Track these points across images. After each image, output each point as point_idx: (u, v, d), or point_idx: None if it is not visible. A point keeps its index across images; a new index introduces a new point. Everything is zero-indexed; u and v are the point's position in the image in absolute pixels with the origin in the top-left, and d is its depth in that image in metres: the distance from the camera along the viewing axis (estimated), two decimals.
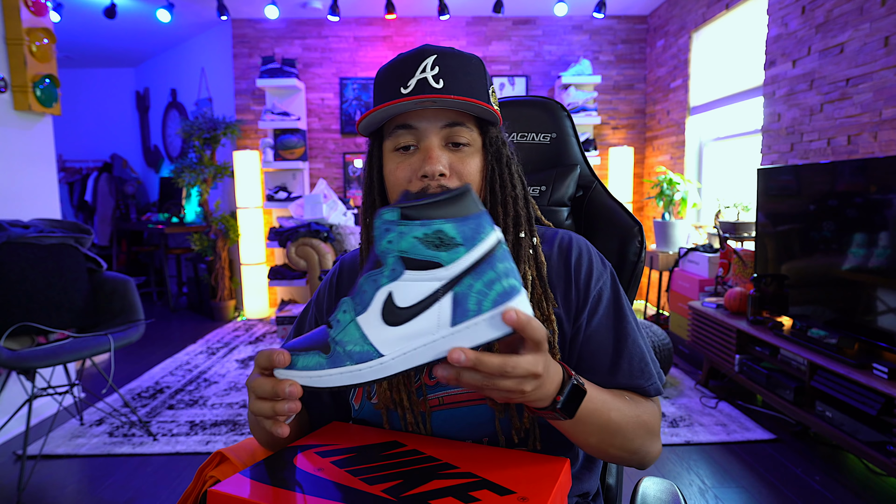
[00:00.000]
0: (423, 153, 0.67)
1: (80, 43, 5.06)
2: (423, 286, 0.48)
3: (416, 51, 0.68)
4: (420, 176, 0.66)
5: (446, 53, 0.68)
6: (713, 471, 1.99)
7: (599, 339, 0.71)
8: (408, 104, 0.65)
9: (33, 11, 2.46)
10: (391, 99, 0.66)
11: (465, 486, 0.55)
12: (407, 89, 0.66)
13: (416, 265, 0.48)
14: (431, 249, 0.47)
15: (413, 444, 0.65)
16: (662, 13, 4.32)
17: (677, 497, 0.72)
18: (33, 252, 2.12)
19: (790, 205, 2.34)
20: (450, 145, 0.68)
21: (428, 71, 0.66)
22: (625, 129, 4.73)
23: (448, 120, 0.67)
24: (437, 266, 0.48)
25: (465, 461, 0.60)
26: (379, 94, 0.70)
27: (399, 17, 4.58)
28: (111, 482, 1.97)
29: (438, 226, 0.47)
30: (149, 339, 3.88)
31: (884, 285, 1.88)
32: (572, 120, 1.01)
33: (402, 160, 0.68)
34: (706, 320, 2.78)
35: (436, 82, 0.66)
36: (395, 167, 0.69)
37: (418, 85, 0.66)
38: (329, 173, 4.78)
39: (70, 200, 5.72)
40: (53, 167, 2.70)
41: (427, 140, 0.67)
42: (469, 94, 0.67)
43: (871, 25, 2.24)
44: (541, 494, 0.53)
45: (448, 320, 0.48)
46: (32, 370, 1.97)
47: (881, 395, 1.75)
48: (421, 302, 0.48)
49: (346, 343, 0.50)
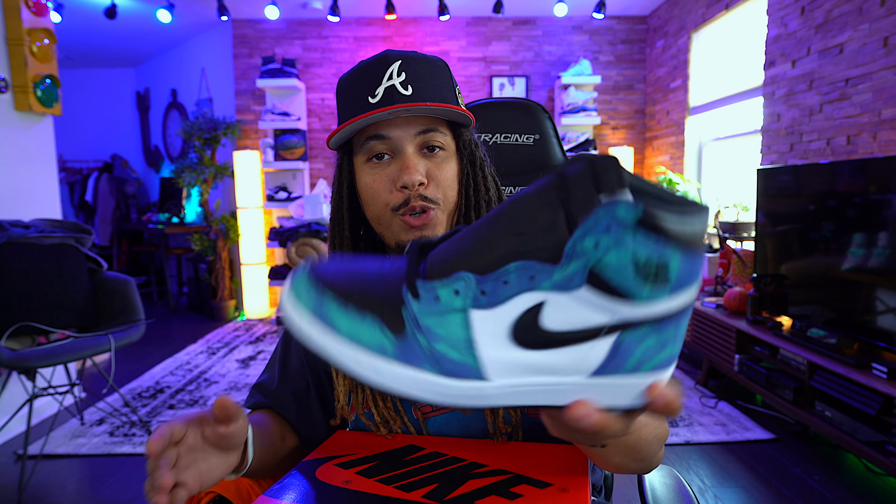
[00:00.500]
0: (400, 163, 0.64)
1: (81, 43, 5.06)
2: (590, 315, 0.34)
3: (377, 57, 0.66)
4: (399, 187, 0.64)
5: (410, 58, 0.66)
6: (713, 470, 1.99)
7: None
8: (380, 115, 0.62)
9: (34, 12, 2.46)
10: (360, 110, 0.64)
11: (503, 483, 0.54)
12: (375, 98, 0.63)
13: (602, 286, 0.33)
14: (640, 277, 0.32)
15: (431, 446, 0.64)
16: (662, 13, 4.33)
17: (680, 481, 0.73)
18: (34, 252, 2.12)
19: (790, 205, 2.34)
20: (425, 151, 0.66)
21: (395, 77, 0.64)
22: (624, 129, 4.73)
23: (422, 127, 0.65)
24: (627, 298, 0.33)
25: (490, 459, 0.59)
26: (344, 106, 0.68)
27: (399, 18, 4.58)
28: (112, 482, 1.97)
29: (671, 253, 0.32)
30: (149, 339, 3.89)
31: (883, 285, 1.88)
32: (553, 121, 1.03)
33: (378, 172, 0.66)
34: (706, 320, 2.79)
35: (404, 88, 0.64)
36: (371, 180, 0.66)
37: (386, 93, 0.63)
38: (329, 173, 4.78)
39: (71, 200, 5.72)
40: (54, 167, 2.71)
41: (402, 149, 0.65)
42: (440, 99, 0.65)
43: (870, 26, 2.24)
44: (578, 483, 0.54)
45: (592, 367, 0.36)
46: (33, 370, 1.97)
47: (880, 395, 1.75)
48: (575, 333, 0.35)
49: (436, 336, 0.36)
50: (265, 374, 0.81)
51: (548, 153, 1.01)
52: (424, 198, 0.65)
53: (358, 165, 0.68)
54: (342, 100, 0.68)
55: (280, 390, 0.78)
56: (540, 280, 0.34)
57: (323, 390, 0.78)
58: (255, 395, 0.80)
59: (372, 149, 0.65)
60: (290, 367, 0.79)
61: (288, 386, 0.78)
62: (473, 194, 0.69)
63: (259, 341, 3.84)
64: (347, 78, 0.68)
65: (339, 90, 0.69)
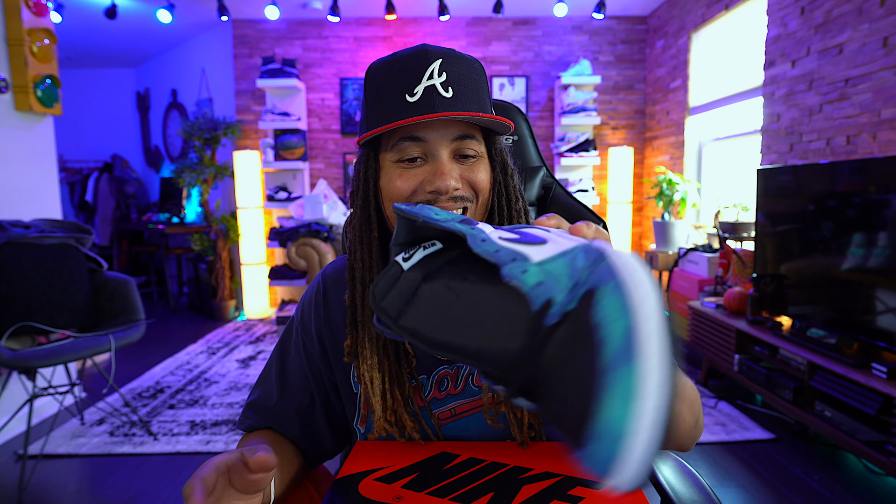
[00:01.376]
0: (433, 167, 0.62)
1: (81, 43, 5.06)
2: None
3: (416, 52, 0.62)
4: (430, 191, 0.62)
5: (451, 57, 0.63)
6: (712, 470, 1.99)
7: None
8: (424, 120, 0.59)
9: (34, 12, 2.47)
10: (398, 109, 0.61)
11: (558, 486, 0.54)
12: (414, 97, 0.60)
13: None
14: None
15: (464, 452, 0.63)
16: (662, 14, 4.33)
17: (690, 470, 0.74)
18: (34, 252, 2.12)
19: (789, 205, 2.34)
20: (457, 157, 0.64)
21: (435, 77, 0.61)
22: (624, 129, 4.73)
23: (458, 132, 0.63)
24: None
25: (531, 462, 0.59)
26: (377, 99, 0.64)
27: (399, 18, 4.58)
28: (112, 482, 1.98)
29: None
30: (149, 338, 3.89)
31: (883, 285, 1.88)
32: (529, 123, 1.04)
33: (408, 173, 0.63)
34: (706, 320, 2.79)
35: (445, 90, 0.61)
36: (400, 181, 0.63)
37: (426, 93, 0.60)
38: (329, 173, 4.79)
39: (71, 200, 5.73)
40: (54, 167, 2.71)
41: (437, 153, 0.62)
42: (479, 104, 0.63)
43: (870, 26, 2.24)
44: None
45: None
46: (33, 370, 1.98)
47: (880, 395, 1.75)
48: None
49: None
50: (259, 389, 0.77)
51: (525, 155, 1.03)
52: (457, 198, 0.63)
53: (385, 163, 0.65)
54: (374, 91, 0.64)
55: (281, 407, 0.74)
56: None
57: (330, 404, 0.75)
58: (251, 415, 0.75)
59: (405, 150, 0.63)
60: (289, 382, 0.75)
61: (290, 403, 0.74)
62: (506, 203, 0.67)
63: (259, 341, 3.84)
64: (381, 69, 0.64)
65: (371, 80, 0.65)
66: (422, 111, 0.60)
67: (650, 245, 4.51)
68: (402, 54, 0.63)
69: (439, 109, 0.60)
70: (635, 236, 4.81)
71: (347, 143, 4.76)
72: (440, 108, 0.60)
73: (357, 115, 4.70)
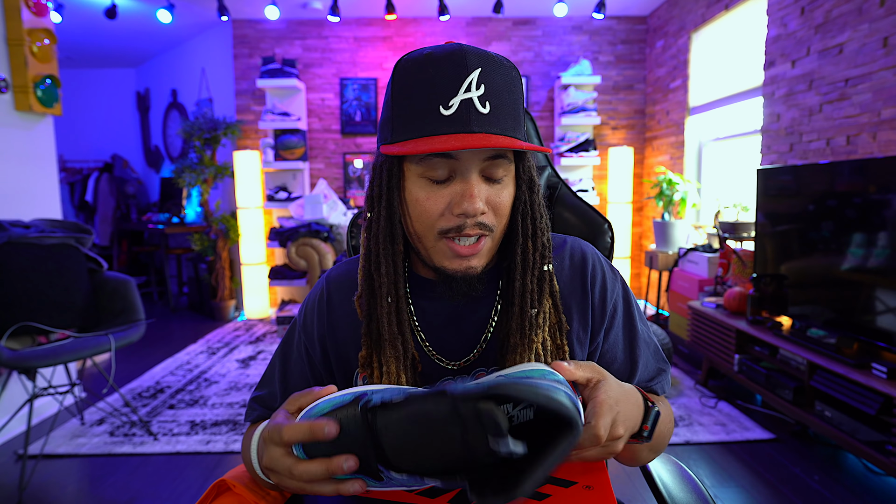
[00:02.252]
0: (462, 188, 0.58)
1: (81, 43, 5.06)
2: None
3: (454, 54, 0.57)
4: (457, 214, 0.59)
5: (489, 64, 0.58)
6: (712, 470, 1.99)
7: (615, 352, 0.72)
8: (459, 147, 0.54)
9: (34, 12, 2.47)
10: (432, 122, 0.56)
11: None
12: (449, 110, 0.56)
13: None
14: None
15: None
16: (662, 14, 4.33)
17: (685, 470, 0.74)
18: (34, 252, 2.12)
19: (789, 205, 2.34)
20: (484, 176, 0.61)
21: (473, 89, 0.56)
22: (624, 129, 4.73)
23: (492, 152, 0.59)
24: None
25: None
26: (407, 106, 0.58)
27: (399, 18, 4.58)
28: (112, 482, 1.98)
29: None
30: (149, 338, 3.89)
31: (883, 285, 1.88)
32: (535, 123, 1.03)
33: (435, 191, 0.60)
34: (706, 320, 2.79)
35: (482, 105, 0.56)
36: (425, 197, 0.60)
37: (462, 108, 0.56)
38: (329, 173, 4.79)
39: (71, 200, 5.73)
40: (54, 167, 2.71)
41: (467, 174, 0.59)
42: (514, 119, 0.59)
43: (869, 26, 2.24)
44: (601, 481, 0.55)
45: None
46: (33, 370, 1.98)
47: (880, 395, 1.75)
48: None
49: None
50: (264, 388, 0.77)
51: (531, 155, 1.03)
52: (481, 225, 0.60)
53: (410, 175, 0.61)
54: (405, 94, 0.59)
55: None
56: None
57: None
58: (258, 407, 0.76)
59: (434, 166, 0.59)
60: (291, 385, 0.75)
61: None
62: (531, 223, 0.65)
63: (259, 341, 3.84)
64: (413, 69, 0.58)
65: (401, 80, 0.59)
66: (456, 127, 0.56)
67: (650, 245, 4.51)
68: (438, 55, 0.58)
69: (475, 127, 0.56)
70: (635, 236, 4.81)
71: (347, 143, 4.76)
72: (476, 125, 0.56)
73: (357, 115, 4.70)
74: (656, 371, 0.75)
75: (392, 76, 0.61)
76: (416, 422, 0.45)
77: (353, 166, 4.76)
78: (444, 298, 0.65)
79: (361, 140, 4.75)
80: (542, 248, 0.65)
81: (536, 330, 0.63)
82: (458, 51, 0.57)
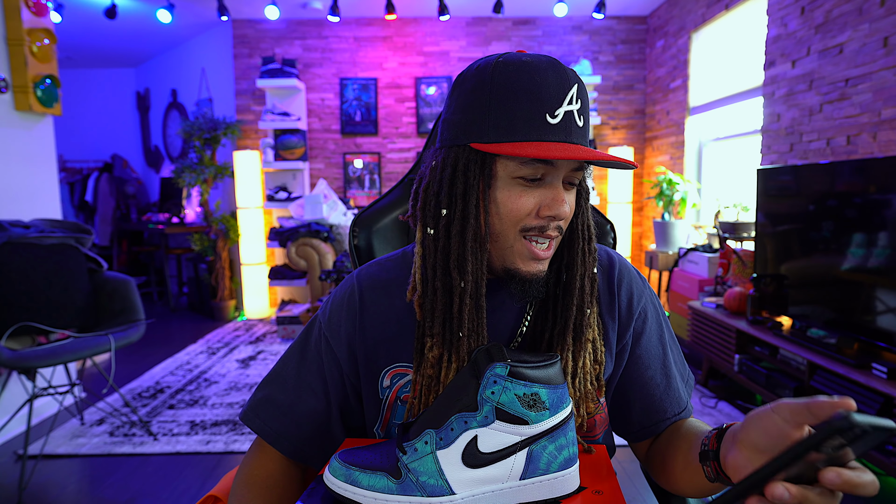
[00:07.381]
0: (552, 192, 0.61)
1: (81, 43, 5.06)
2: (507, 437, 0.53)
3: (553, 66, 0.59)
4: (545, 216, 0.61)
5: (579, 79, 0.61)
6: None
7: (648, 359, 0.73)
8: (572, 152, 0.57)
9: (34, 12, 2.47)
10: (538, 124, 0.58)
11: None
12: (555, 119, 0.58)
13: (506, 417, 0.52)
14: (525, 408, 0.52)
15: None
16: (662, 13, 4.33)
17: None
18: (34, 252, 2.12)
19: (789, 205, 2.34)
20: (565, 182, 0.63)
21: (573, 102, 0.59)
22: (624, 129, 4.73)
23: (580, 162, 0.62)
24: (524, 423, 0.52)
25: None
26: (512, 108, 0.58)
27: (399, 18, 4.58)
28: (112, 482, 1.97)
29: (537, 389, 0.53)
30: (149, 338, 3.89)
31: (883, 285, 1.88)
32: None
33: (526, 192, 0.61)
34: (706, 320, 2.79)
35: (579, 119, 0.60)
36: (516, 197, 0.61)
37: (566, 119, 0.59)
38: (329, 173, 4.79)
39: (71, 200, 5.72)
40: (54, 167, 2.71)
41: (556, 179, 0.61)
42: (588, 130, 0.63)
43: (870, 26, 2.24)
44: (610, 485, 0.56)
45: (519, 473, 0.53)
46: (33, 370, 1.98)
47: (880, 395, 1.75)
48: (501, 451, 0.53)
49: (420, 473, 0.53)
50: (269, 388, 0.73)
51: None
52: (559, 228, 0.63)
53: (503, 173, 0.61)
54: (508, 95, 0.58)
55: (296, 407, 0.72)
56: (471, 423, 0.53)
57: (348, 407, 0.73)
58: (261, 415, 0.72)
59: (535, 169, 0.60)
60: (306, 382, 0.72)
61: (306, 403, 0.72)
62: (587, 229, 0.68)
63: (259, 341, 3.84)
64: (517, 73, 0.59)
65: (504, 81, 0.59)
66: (560, 136, 0.59)
67: (650, 245, 4.52)
68: (539, 64, 0.59)
69: (575, 138, 0.60)
70: (635, 236, 4.81)
71: (347, 143, 4.76)
72: (576, 137, 0.60)
73: (357, 115, 4.70)
74: (688, 375, 0.77)
75: (490, 76, 0.60)
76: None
77: (352, 166, 4.76)
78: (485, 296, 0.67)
79: (361, 140, 4.75)
80: (594, 251, 0.69)
81: (588, 330, 0.67)
82: (557, 63, 0.60)
